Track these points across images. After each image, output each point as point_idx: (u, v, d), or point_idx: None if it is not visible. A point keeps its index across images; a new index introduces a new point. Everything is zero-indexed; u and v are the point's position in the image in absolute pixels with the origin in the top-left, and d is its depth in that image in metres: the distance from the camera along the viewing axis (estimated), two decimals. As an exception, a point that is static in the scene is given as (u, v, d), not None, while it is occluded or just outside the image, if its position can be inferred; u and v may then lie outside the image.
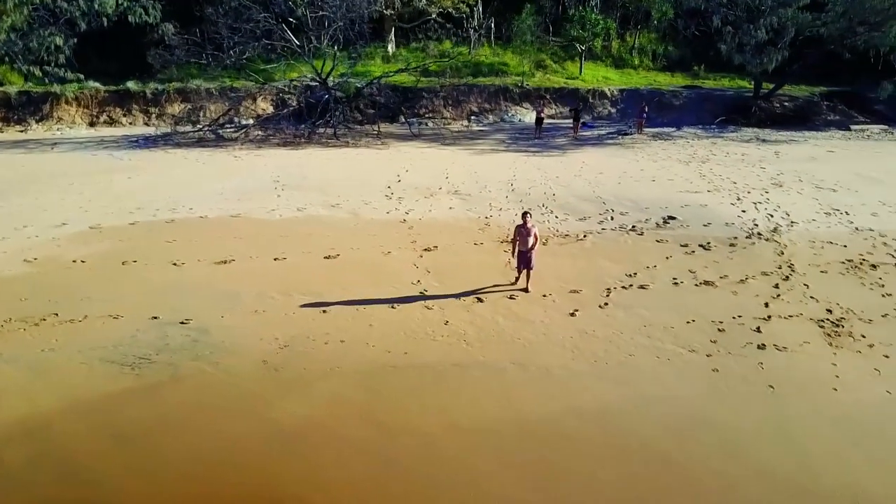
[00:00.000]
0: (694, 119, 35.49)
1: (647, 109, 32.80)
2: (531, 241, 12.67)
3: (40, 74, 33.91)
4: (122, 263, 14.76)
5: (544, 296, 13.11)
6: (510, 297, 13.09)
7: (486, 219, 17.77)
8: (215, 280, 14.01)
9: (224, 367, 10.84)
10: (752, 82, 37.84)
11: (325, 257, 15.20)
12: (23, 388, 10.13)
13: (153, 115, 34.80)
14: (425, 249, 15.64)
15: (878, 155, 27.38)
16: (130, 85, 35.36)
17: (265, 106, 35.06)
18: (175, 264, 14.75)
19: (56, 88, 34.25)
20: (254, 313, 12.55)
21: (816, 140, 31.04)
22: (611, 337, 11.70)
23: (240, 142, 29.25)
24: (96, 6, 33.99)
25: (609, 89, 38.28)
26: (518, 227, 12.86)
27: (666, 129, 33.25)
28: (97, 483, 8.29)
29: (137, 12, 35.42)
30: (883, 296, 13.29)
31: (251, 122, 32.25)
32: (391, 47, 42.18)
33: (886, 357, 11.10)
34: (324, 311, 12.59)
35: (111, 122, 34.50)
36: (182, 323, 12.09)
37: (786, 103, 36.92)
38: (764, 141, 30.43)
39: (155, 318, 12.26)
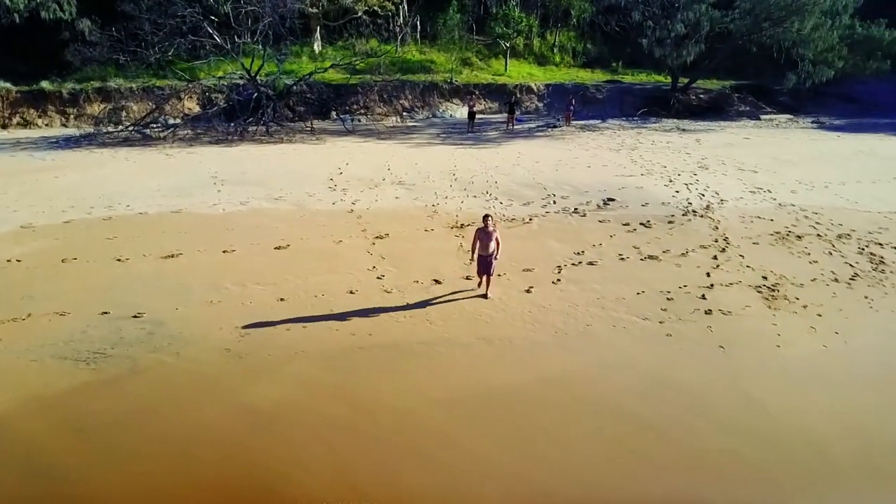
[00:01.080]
0: (617, 111, 36.75)
1: (573, 102, 33.74)
2: (493, 245, 11.83)
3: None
4: (62, 261, 14.03)
5: (499, 275, 13.30)
6: (467, 278, 13.26)
7: (434, 206, 17.86)
8: (164, 274, 13.53)
9: (186, 356, 10.54)
10: (670, 76, 39.50)
11: (275, 248, 14.91)
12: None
13: (71, 116, 32.99)
14: (377, 237, 15.60)
15: (788, 140, 29.19)
16: (45, 85, 33.37)
17: (192, 105, 33.91)
18: (119, 260, 14.13)
19: (-39, 89, 32.10)
20: (209, 304, 12.22)
21: (731, 129, 32.74)
22: (567, 310, 12.05)
23: (168, 141, 28.21)
24: (7, 2, 32.05)
25: (535, 85, 39.09)
26: (478, 230, 11.94)
27: (592, 122, 34.26)
28: (65, 478, 7.93)
29: (51, 8, 33.58)
30: (810, 262, 14.24)
31: (178, 121, 31.15)
32: (318, 46, 41.58)
33: (819, 316, 11.95)
34: (281, 300, 12.39)
35: (25, 123, 32.47)
36: (135, 317, 11.64)
37: (701, 95, 38.75)
38: (684, 130, 31.84)
39: (105, 313, 11.75)
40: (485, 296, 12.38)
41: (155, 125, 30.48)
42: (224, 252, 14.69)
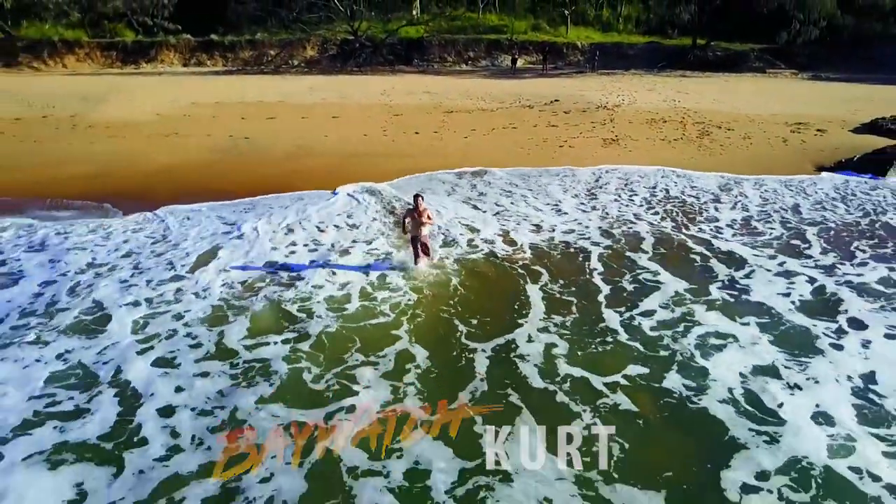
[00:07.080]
0: (644, 65, 41.78)
1: (597, 54, 39.69)
2: (424, 230, 9.66)
3: (151, 24, 43.05)
4: (213, 117, 23.06)
5: (454, 132, 20.83)
6: (435, 132, 20.88)
7: (441, 104, 25.44)
8: (265, 126, 22.10)
9: (264, 154, 18.92)
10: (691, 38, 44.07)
11: (332, 117, 23.16)
12: (159, 156, 18.43)
13: (230, 60, 43.17)
14: (394, 115, 23.45)
15: (765, 87, 33.69)
16: (213, 37, 43.79)
17: (312, 53, 43.19)
18: (242, 118, 22.95)
19: (160, 38, 43.11)
20: (286, 137, 20.66)
21: (726, 78, 37.23)
22: (480, 145, 19.35)
23: (291, 74, 37.57)
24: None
25: (580, 43, 44.89)
26: (408, 211, 9.76)
27: (616, 71, 39.82)
28: (214, 172, 16.51)
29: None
30: (657, 132, 20.57)
31: (301, 63, 40.65)
32: (416, 11, 49.54)
33: (630, 151, 18.54)
34: (325, 136, 20.55)
35: (199, 63, 42.96)
36: (245, 138, 20.25)
37: (718, 53, 42.86)
38: (683, 77, 36.83)
39: (230, 136, 20.45)
40: (425, 254, 10.02)
41: (284, 66, 39.98)
42: (301, 118, 23.12)
